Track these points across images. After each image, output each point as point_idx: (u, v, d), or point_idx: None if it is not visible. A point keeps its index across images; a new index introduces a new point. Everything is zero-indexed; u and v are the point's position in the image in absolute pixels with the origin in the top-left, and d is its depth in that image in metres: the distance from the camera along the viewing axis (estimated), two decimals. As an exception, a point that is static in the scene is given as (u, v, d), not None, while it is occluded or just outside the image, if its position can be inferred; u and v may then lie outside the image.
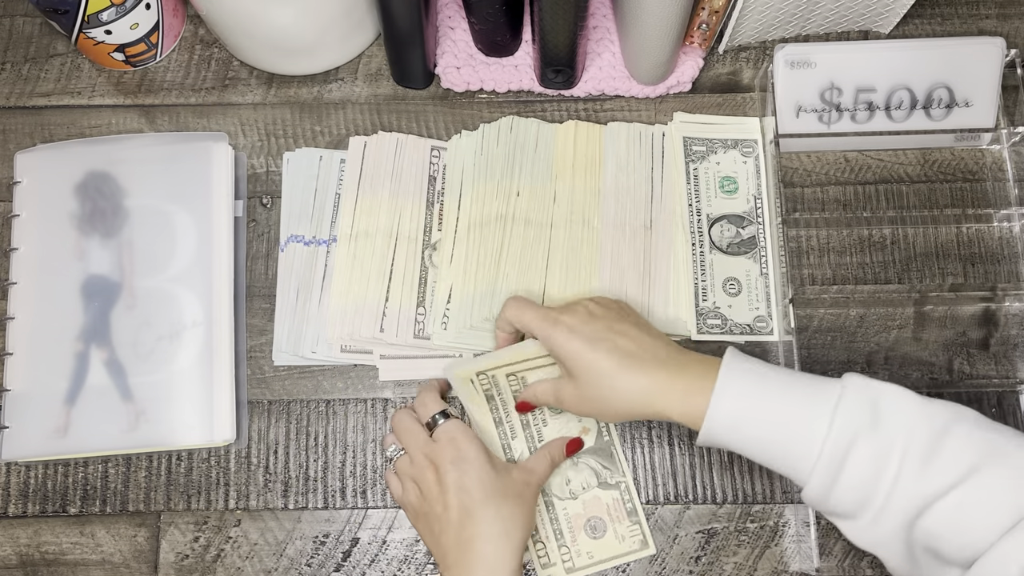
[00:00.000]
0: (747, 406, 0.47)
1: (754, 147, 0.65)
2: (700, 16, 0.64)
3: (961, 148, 0.66)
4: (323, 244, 0.63)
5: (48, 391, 0.59)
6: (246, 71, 0.68)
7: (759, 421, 0.47)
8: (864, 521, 0.45)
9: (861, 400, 0.45)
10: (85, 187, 0.63)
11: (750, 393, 0.47)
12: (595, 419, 0.58)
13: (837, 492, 0.45)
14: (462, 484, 0.51)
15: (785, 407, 0.46)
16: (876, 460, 0.44)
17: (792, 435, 0.46)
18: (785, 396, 0.47)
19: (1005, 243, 0.64)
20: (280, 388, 0.62)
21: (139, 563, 0.59)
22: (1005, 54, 0.62)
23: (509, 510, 0.51)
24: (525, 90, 0.67)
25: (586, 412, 0.53)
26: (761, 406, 0.47)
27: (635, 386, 0.50)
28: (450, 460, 0.52)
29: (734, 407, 0.47)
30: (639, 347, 0.51)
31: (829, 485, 0.45)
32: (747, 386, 0.47)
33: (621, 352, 0.50)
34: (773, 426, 0.46)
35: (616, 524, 0.58)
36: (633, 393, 0.50)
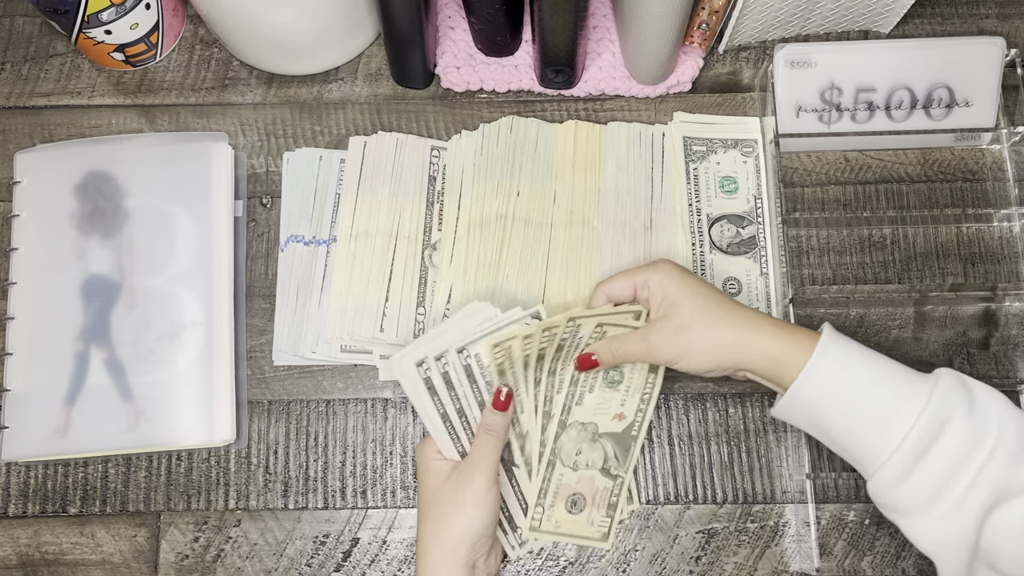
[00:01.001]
0: (845, 372, 0.47)
1: (754, 147, 0.65)
2: (700, 16, 0.64)
3: (961, 148, 0.66)
4: (323, 244, 0.63)
5: (48, 391, 0.59)
6: (246, 71, 0.68)
7: (854, 388, 0.47)
8: (936, 515, 0.45)
9: (958, 386, 0.46)
10: (85, 187, 0.63)
11: (849, 360, 0.47)
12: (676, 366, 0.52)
13: (917, 476, 0.45)
14: (420, 506, 0.53)
15: (884, 380, 0.47)
16: (970, 440, 0.44)
17: (885, 407, 0.46)
18: (884, 371, 0.47)
19: (1005, 243, 0.64)
20: (280, 388, 0.62)
21: (139, 563, 0.59)
22: (1005, 54, 0.62)
23: (434, 523, 0.51)
24: (525, 90, 0.67)
25: (673, 355, 0.51)
26: (859, 374, 0.47)
27: (735, 330, 0.50)
28: (418, 478, 0.54)
29: (831, 372, 0.47)
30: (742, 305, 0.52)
31: (910, 467, 0.45)
32: (847, 354, 0.48)
33: (726, 298, 0.51)
34: (867, 396, 0.46)
35: (594, 509, 0.57)
36: (731, 337, 0.50)
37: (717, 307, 0.51)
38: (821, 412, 0.48)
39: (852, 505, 0.59)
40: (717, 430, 0.61)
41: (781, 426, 0.61)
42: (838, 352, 0.48)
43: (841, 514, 0.59)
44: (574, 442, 0.57)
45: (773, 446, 0.60)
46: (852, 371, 0.47)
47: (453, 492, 0.51)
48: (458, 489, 0.51)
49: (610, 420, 0.57)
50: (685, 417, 0.61)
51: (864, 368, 0.47)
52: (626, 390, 0.57)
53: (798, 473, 0.59)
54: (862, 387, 0.47)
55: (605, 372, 0.57)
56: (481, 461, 0.52)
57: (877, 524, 0.59)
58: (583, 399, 0.57)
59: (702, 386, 0.61)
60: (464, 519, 0.50)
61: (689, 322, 0.50)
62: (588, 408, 0.57)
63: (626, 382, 0.57)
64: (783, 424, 0.60)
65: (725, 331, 0.50)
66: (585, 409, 0.57)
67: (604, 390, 0.57)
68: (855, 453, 0.48)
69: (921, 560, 0.58)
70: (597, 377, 0.57)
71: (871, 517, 0.59)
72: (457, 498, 0.51)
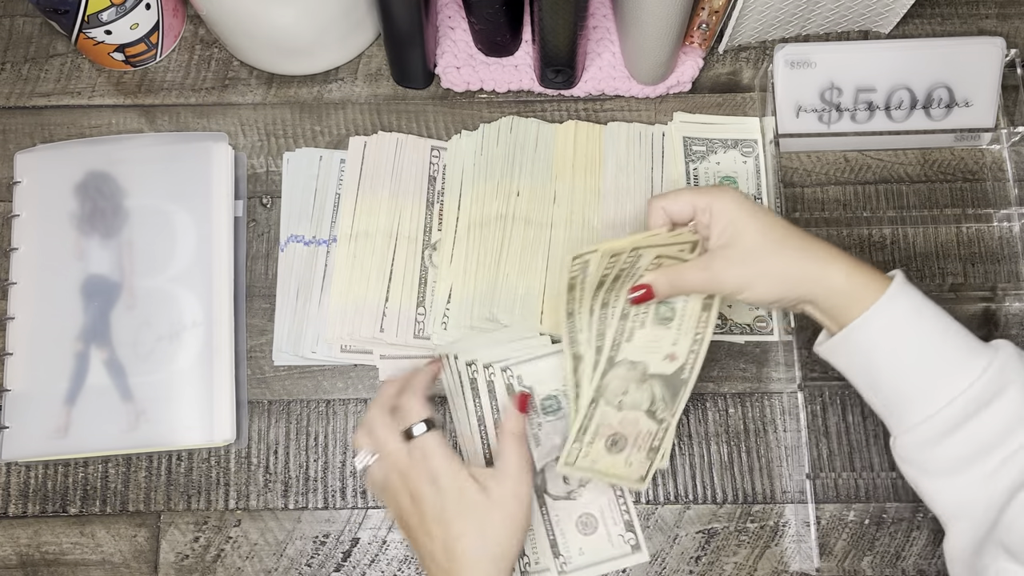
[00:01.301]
0: (908, 324, 0.46)
1: (754, 147, 0.65)
2: (700, 16, 0.64)
3: (961, 148, 0.66)
4: (323, 244, 0.63)
5: (48, 391, 0.59)
6: (246, 71, 0.68)
7: (913, 341, 0.46)
8: (964, 480, 0.44)
9: (1019, 359, 0.45)
10: (85, 187, 0.63)
11: (916, 313, 0.46)
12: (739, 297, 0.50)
13: (957, 438, 0.44)
14: (441, 516, 0.48)
15: (945, 339, 0.46)
16: (1019, 413, 0.43)
17: (941, 366, 0.45)
18: (946, 331, 0.46)
19: (1005, 243, 0.64)
20: (280, 388, 0.62)
21: (139, 563, 0.59)
22: (1005, 54, 0.62)
23: (494, 532, 0.48)
24: (525, 90, 0.67)
25: (737, 284, 0.49)
26: (922, 328, 0.46)
27: (805, 261, 0.48)
28: (427, 483, 0.49)
29: (895, 319, 0.46)
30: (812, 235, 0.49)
31: (951, 430, 0.44)
32: (914, 306, 0.46)
33: (794, 227, 0.49)
34: (925, 352, 0.45)
35: (634, 451, 0.55)
36: (801, 268, 0.47)
37: (787, 235, 0.48)
38: (872, 358, 0.47)
39: (852, 505, 0.59)
40: (717, 430, 0.61)
41: (781, 426, 0.61)
42: (907, 301, 0.46)
43: (841, 514, 0.59)
44: (621, 380, 0.54)
45: (773, 446, 0.60)
46: (916, 324, 0.46)
47: (506, 502, 0.49)
48: (512, 498, 0.49)
49: (661, 360, 0.54)
50: (685, 417, 0.61)
51: (928, 323, 0.46)
52: (678, 328, 0.54)
53: (798, 473, 0.59)
54: (922, 341, 0.46)
55: (656, 308, 0.54)
56: (523, 465, 0.50)
57: (877, 524, 0.59)
58: (633, 336, 0.54)
59: (702, 386, 0.61)
60: (523, 528, 0.49)
61: (757, 250, 0.48)
62: (638, 346, 0.54)
63: (678, 319, 0.54)
64: (783, 424, 0.61)
65: (795, 261, 0.48)
66: (635, 347, 0.54)
67: (655, 327, 0.54)
68: (893, 406, 0.47)
69: (921, 560, 0.58)
70: (648, 312, 0.54)
71: (871, 517, 0.59)
72: (512, 508, 0.49)
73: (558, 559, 0.57)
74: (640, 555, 0.58)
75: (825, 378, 0.61)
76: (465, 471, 0.50)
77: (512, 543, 0.49)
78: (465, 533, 0.48)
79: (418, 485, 0.49)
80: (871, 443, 0.60)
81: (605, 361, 0.54)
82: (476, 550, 0.48)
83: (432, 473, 0.49)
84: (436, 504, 0.49)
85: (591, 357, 0.53)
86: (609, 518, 0.58)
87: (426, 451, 0.50)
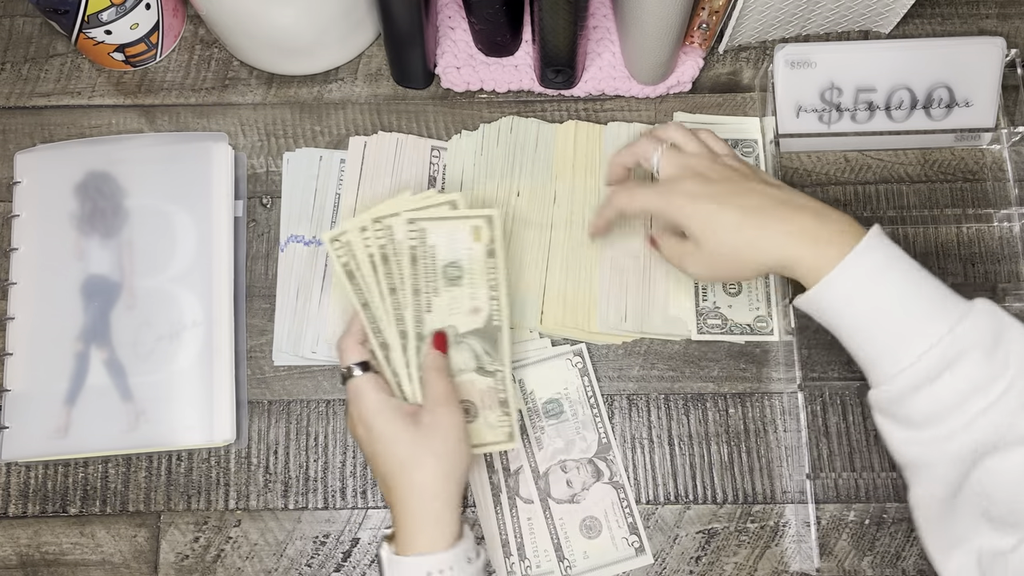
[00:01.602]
0: (881, 277, 0.46)
1: (754, 147, 0.65)
2: (700, 16, 0.64)
3: (961, 148, 0.66)
4: (323, 244, 0.63)
5: (48, 391, 0.59)
6: (246, 71, 0.68)
7: (884, 296, 0.45)
8: (928, 434, 0.44)
9: (989, 322, 0.44)
10: (85, 187, 0.63)
11: (889, 266, 0.46)
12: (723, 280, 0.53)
13: (922, 396, 0.44)
14: (374, 452, 0.51)
15: (916, 294, 0.45)
16: (978, 380, 0.43)
17: (909, 323, 0.45)
18: (919, 285, 0.45)
19: (1005, 243, 0.64)
20: (280, 388, 0.62)
21: (139, 563, 0.59)
22: (1005, 54, 0.62)
23: (422, 474, 0.49)
24: (525, 90, 0.67)
25: (716, 275, 0.52)
26: (895, 282, 0.45)
27: (766, 232, 0.48)
28: (361, 424, 0.52)
29: (867, 272, 0.46)
30: (768, 200, 0.49)
31: (916, 387, 0.44)
32: (889, 259, 0.46)
33: (748, 207, 0.49)
34: (894, 308, 0.45)
35: (487, 412, 0.56)
36: (764, 241, 0.48)
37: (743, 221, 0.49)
38: (842, 316, 0.47)
39: (852, 505, 0.59)
40: (717, 430, 0.61)
41: (781, 426, 0.61)
42: (871, 261, 0.46)
43: (841, 514, 0.59)
44: None
45: (773, 446, 0.60)
46: (881, 282, 0.46)
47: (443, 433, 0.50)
48: (449, 427, 0.51)
49: (466, 317, 0.55)
50: (685, 417, 0.61)
51: (895, 281, 0.46)
52: (470, 282, 0.55)
53: (798, 473, 0.59)
54: (890, 299, 0.45)
55: (443, 270, 0.55)
56: (449, 395, 0.52)
57: (877, 524, 0.59)
58: (431, 305, 0.55)
59: (702, 386, 0.61)
60: (458, 453, 0.50)
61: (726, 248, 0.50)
62: (440, 313, 0.55)
63: (467, 274, 0.55)
64: (783, 424, 0.61)
65: (760, 254, 0.48)
66: (437, 315, 0.55)
67: (448, 289, 0.55)
68: (866, 360, 0.47)
69: (921, 560, 0.58)
70: (436, 278, 0.55)
71: (871, 517, 0.59)
72: (450, 439, 0.50)
73: (563, 563, 0.57)
74: (644, 558, 0.58)
75: (825, 378, 0.61)
76: (394, 409, 0.51)
77: (449, 467, 0.50)
78: (402, 465, 0.50)
79: (356, 423, 0.52)
80: (871, 443, 0.60)
81: (414, 339, 0.54)
82: (407, 485, 0.49)
83: (362, 414, 0.52)
84: (370, 442, 0.51)
85: (398, 342, 0.54)
86: (613, 521, 0.58)
87: (357, 393, 0.52)
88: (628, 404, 0.61)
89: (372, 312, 0.54)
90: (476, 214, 0.55)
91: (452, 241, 0.55)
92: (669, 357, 0.62)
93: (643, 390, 0.61)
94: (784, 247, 0.48)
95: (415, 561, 0.48)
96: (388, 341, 0.54)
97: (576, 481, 0.59)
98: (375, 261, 0.54)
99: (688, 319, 0.61)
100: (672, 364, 0.62)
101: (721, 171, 0.51)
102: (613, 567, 0.58)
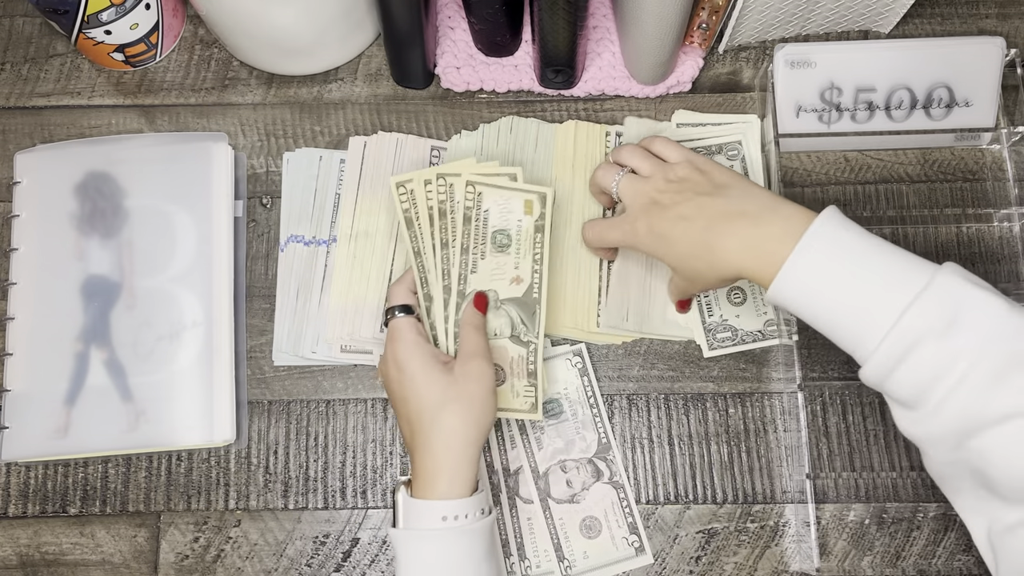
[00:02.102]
0: (823, 273, 0.46)
1: (739, 149, 0.64)
2: (700, 16, 0.64)
3: (961, 148, 0.66)
4: (323, 244, 0.63)
5: (48, 391, 0.59)
6: (246, 71, 0.68)
7: (831, 291, 0.45)
8: (919, 414, 0.44)
9: (944, 300, 0.43)
10: (85, 187, 0.63)
11: (831, 259, 0.46)
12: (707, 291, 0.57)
13: (894, 380, 0.44)
14: (403, 396, 0.52)
15: (861, 285, 0.45)
16: (936, 366, 0.42)
17: (859, 317, 0.45)
18: (866, 273, 0.45)
19: (1005, 243, 0.64)
20: (280, 388, 0.62)
21: (139, 563, 0.59)
22: (1005, 54, 0.62)
23: (447, 422, 0.50)
24: (525, 90, 0.67)
25: (699, 289, 0.53)
26: (837, 276, 0.45)
27: (723, 251, 0.49)
28: (394, 364, 0.53)
29: (809, 272, 0.46)
30: (712, 215, 0.50)
31: (885, 374, 0.44)
32: (832, 251, 0.46)
33: (695, 229, 0.50)
34: (843, 301, 0.45)
35: (515, 380, 0.57)
36: (717, 262, 0.49)
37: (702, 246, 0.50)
38: (803, 312, 0.47)
39: (852, 505, 0.59)
40: (717, 430, 0.61)
41: (781, 426, 0.61)
42: (814, 253, 0.46)
43: (841, 514, 0.59)
44: None
45: (773, 446, 0.60)
46: (830, 273, 0.45)
47: (474, 383, 0.51)
48: (480, 379, 0.52)
49: (508, 285, 0.57)
50: (685, 417, 0.61)
51: (842, 271, 0.45)
52: (516, 251, 0.57)
53: (798, 473, 0.59)
54: (836, 293, 0.45)
55: (493, 235, 0.57)
56: (484, 350, 0.53)
57: (877, 524, 0.59)
58: (477, 266, 0.56)
59: (702, 386, 0.61)
60: (492, 414, 0.52)
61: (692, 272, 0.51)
62: (483, 275, 0.57)
63: (515, 244, 0.57)
64: (783, 424, 0.61)
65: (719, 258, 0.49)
66: (480, 277, 0.56)
67: (495, 255, 0.57)
68: (844, 348, 0.47)
69: (921, 560, 0.58)
70: (486, 242, 0.57)
71: (871, 517, 0.59)
72: (480, 390, 0.51)
73: (562, 563, 0.57)
74: (644, 557, 0.58)
75: (825, 378, 0.61)
76: (430, 354, 0.53)
77: (476, 416, 0.51)
78: (431, 408, 0.50)
79: (390, 365, 0.53)
80: (871, 443, 0.60)
81: (456, 296, 0.56)
82: (434, 431, 0.50)
83: (398, 353, 0.53)
84: (400, 383, 0.52)
85: (440, 296, 0.56)
86: (613, 521, 0.58)
87: (396, 332, 0.53)
88: (628, 404, 0.61)
89: (423, 262, 0.56)
90: (532, 189, 0.57)
91: (505, 211, 0.57)
92: (669, 357, 0.62)
93: (643, 390, 0.61)
94: (732, 263, 0.49)
95: (432, 504, 0.49)
96: (432, 294, 0.56)
97: (576, 481, 0.59)
98: (433, 214, 0.56)
99: (697, 337, 0.62)
100: (672, 364, 0.62)
101: (673, 193, 0.52)
102: (613, 567, 0.58)
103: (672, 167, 0.54)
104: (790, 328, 0.60)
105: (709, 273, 0.50)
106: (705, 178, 0.52)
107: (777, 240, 0.47)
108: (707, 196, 0.51)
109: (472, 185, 0.56)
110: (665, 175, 0.54)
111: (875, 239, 0.46)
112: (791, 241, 0.46)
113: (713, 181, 0.52)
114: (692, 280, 0.52)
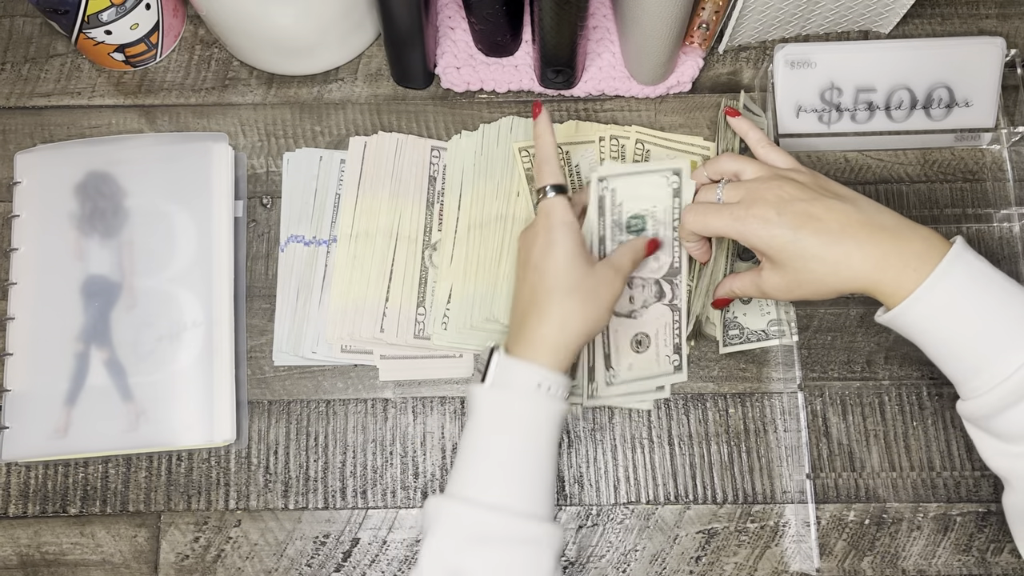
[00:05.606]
0: (960, 300, 0.45)
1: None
2: (700, 16, 0.64)
3: (961, 148, 0.66)
4: (323, 244, 0.63)
5: (48, 391, 0.59)
6: (246, 71, 0.68)
7: (965, 318, 0.45)
8: (1019, 448, 0.44)
9: None
10: (85, 187, 0.63)
11: (969, 289, 0.45)
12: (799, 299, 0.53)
13: (1011, 414, 0.44)
14: (540, 266, 0.51)
15: (998, 316, 0.45)
16: None
17: (992, 345, 0.44)
18: (1003, 305, 0.45)
19: (1005, 243, 0.64)
20: (280, 388, 0.62)
21: (139, 563, 0.59)
22: (1005, 54, 0.62)
23: (571, 305, 0.50)
24: (525, 90, 0.67)
25: (796, 297, 0.51)
26: (976, 303, 0.45)
27: (848, 260, 0.47)
28: (543, 235, 0.52)
29: (945, 296, 0.45)
30: (845, 221, 0.48)
31: (1005, 406, 0.44)
32: (970, 279, 0.46)
33: (826, 230, 0.48)
34: (976, 329, 0.45)
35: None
36: (845, 269, 0.48)
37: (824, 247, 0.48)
38: (925, 335, 0.47)
39: (852, 505, 0.59)
40: (717, 430, 0.61)
41: (781, 426, 0.61)
42: (950, 284, 0.46)
43: (841, 514, 0.59)
44: None
45: (773, 446, 0.60)
46: (958, 306, 0.45)
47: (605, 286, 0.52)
48: (610, 288, 0.52)
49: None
50: (685, 417, 0.61)
51: (973, 305, 0.45)
52: (652, 225, 0.57)
53: (798, 473, 0.59)
54: (969, 320, 0.45)
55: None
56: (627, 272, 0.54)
57: (877, 524, 0.59)
58: None
59: (702, 386, 0.61)
60: (605, 320, 0.52)
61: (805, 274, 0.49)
62: None
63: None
64: (783, 424, 0.61)
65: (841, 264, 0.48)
66: None
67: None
68: (952, 375, 0.47)
69: (921, 560, 0.58)
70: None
71: (871, 517, 0.59)
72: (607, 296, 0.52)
73: (609, 371, 0.58)
74: (680, 375, 0.60)
75: (825, 378, 0.61)
76: (580, 242, 0.52)
77: (594, 312, 0.51)
78: (555, 288, 0.51)
79: (534, 238, 0.53)
80: (871, 443, 0.60)
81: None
82: (557, 307, 0.50)
83: (551, 225, 0.52)
84: (539, 258, 0.52)
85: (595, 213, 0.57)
86: (661, 340, 0.59)
87: (552, 210, 0.53)
88: (628, 404, 0.61)
89: None
90: None
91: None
92: (669, 357, 0.62)
93: (643, 390, 0.61)
94: (865, 273, 0.47)
95: (531, 367, 0.49)
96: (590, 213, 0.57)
97: (639, 298, 0.59)
98: None
99: (718, 331, 0.61)
100: (672, 364, 0.62)
101: (795, 190, 0.50)
102: (652, 381, 0.59)
103: (784, 171, 0.53)
104: (791, 328, 0.60)
105: (828, 279, 0.48)
106: (824, 184, 0.51)
107: (917, 258, 0.46)
108: (836, 200, 0.49)
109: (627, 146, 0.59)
110: (779, 174, 0.52)
111: (1003, 275, 0.47)
112: (932, 261, 0.46)
113: (831, 188, 0.51)
114: (798, 283, 0.50)
